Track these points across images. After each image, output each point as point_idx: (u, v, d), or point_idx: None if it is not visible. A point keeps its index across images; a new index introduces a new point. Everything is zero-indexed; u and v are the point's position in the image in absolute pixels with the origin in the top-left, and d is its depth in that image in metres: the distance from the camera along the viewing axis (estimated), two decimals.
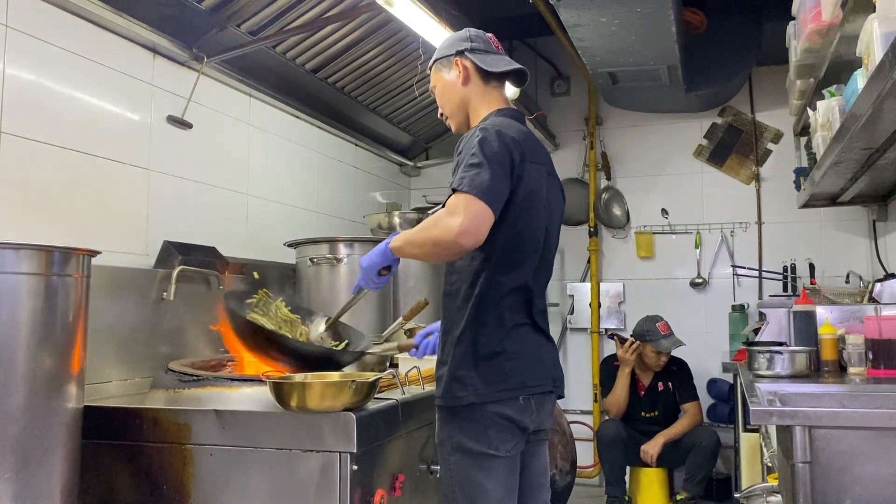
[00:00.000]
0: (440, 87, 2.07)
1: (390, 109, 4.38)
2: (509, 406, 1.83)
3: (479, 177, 1.76)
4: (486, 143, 1.81)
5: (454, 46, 2.05)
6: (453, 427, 1.85)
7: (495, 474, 1.83)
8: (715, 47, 4.33)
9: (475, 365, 1.83)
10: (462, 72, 2.01)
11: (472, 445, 1.83)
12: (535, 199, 1.91)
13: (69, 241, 1.83)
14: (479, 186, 1.75)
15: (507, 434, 1.84)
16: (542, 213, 1.96)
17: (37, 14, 2.35)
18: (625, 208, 5.05)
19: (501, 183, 1.80)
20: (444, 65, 2.05)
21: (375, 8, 2.71)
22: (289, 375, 1.96)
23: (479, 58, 2.01)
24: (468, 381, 1.82)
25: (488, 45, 2.05)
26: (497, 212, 1.78)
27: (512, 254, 1.88)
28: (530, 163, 1.89)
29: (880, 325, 2.52)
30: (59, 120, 2.41)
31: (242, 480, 1.87)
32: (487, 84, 2.02)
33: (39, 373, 1.65)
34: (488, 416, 1.82)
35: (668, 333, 4.20)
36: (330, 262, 3.14)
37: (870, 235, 4.28)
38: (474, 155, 1.80)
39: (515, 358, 1.86)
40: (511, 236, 1.87)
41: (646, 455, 4.10)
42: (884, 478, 1.64)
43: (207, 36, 2.95)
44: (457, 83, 2.02)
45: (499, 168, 1.80)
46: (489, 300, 1.86)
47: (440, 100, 2.09)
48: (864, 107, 2.02)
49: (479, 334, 1.85)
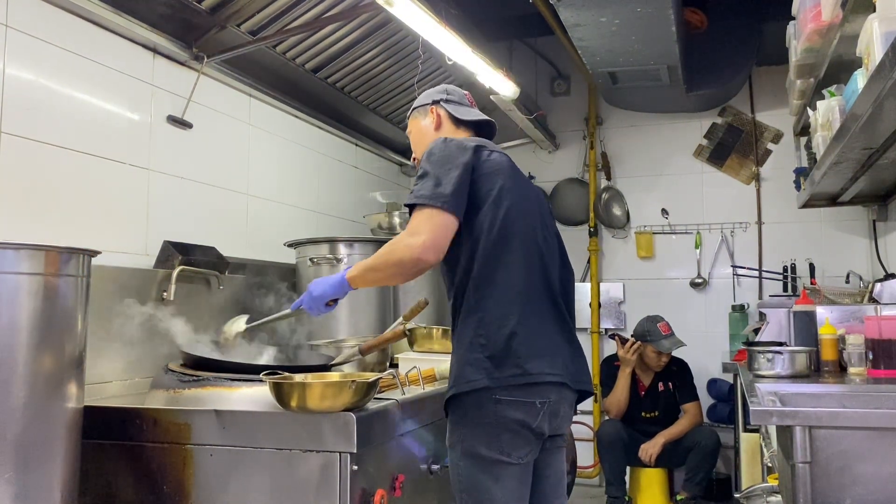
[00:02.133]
0: (415, 132, 2.20)
1: (390, 109, 4.38)
2: (524, 410, 1.79)
3: (424, 186, 1.82)
4: (431, 154, 1.90)
5: (431, 97, 2.19)
6: (465, 431, 1.82)
7: (506, 481, 1.79)
8: (715, 47, 4.33)
9: (485, 353, 1.79)
10: (436, 119, 2.15)
11: (483, 451, 1.79)
12: (506, 191, 1.89)
13: (69, 241, 1.83)
14: (426, 194, 1.80)
15: (520, 440, 1.80)
16: (524, 198, 1.94)
17: (37, 14, 2.35)
18: (625, 208, 5.05)
19: (453, 178, 1.82)
20: (421, 113, 2.19)
21: (375, 8, 2.71)
22: (288, 375, 1.96)
23: (452, 108, 2.16)
24: (478, 368, 1.78)
25: (462, 99, 2.20)
26: (455, 207, 1.80)
27: (500, 246, 1.85)
28: (489, 151, 1.93)
29: (880, 325, 2.52)
30: (59, 120, 2.41)
31: (242, 480, 1.87)
32: (457, 128, 2.15)
33: (39, 373, 1.64)
34: (501, 420, 1.77)
35: (669, 334, 4.20)
36: (330, 262, 3.14)
37: (870, 235, 4.28)
38: (421, 168, 1.88)
39: (526, 348, 1.80)
40: (493, 230, 1.85)
41: (644, 454, 4.10)
42: (884, 478, 1.64)
43: (207, 36, 2.95)
44: (430, 128, 2.16)
45: (446, 167, 1.84)
46: (493, 291, 1.83)
47: (414, 145, 2.21)
48: (864, 107, 2.02)
49: (486, 327, 1.80)
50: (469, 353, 1.82)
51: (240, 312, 2.99)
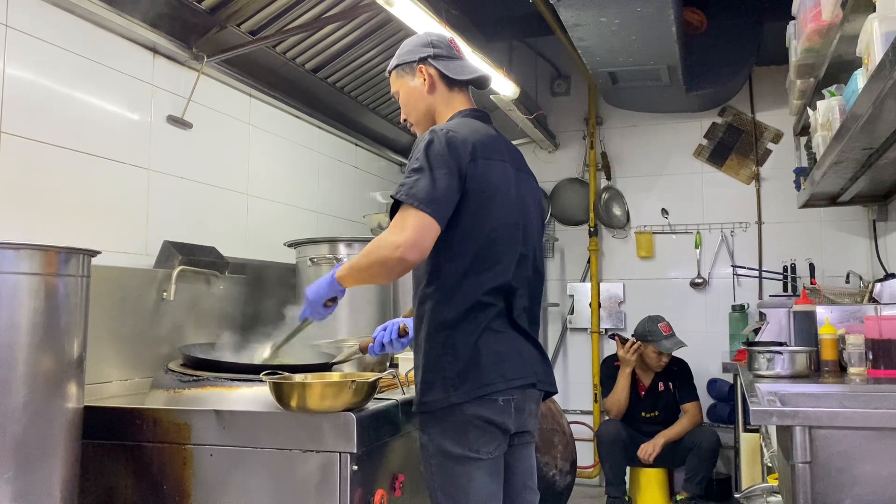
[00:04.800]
0: (404, 94, 2.07)
1: (390, 109, 4.37)
2: (488, 407, 1.80)
3: (418, 184, 1.77)
4: (431, 147, 1.82)
5: (416, 53, 2.03)
6: (433, 430, 1.83)
7: (477, 477, 1.81)
8: (715, 47, 4.33)
9: (450, 367, 1.80)
10: (427, 80, 2.01)
11: (452, 448, 1.80)
12: (499, 195, 1.89)
13: (69, 241, 1.83)
14: (418, 195, 1.75)
15: (487, 436, 1.81)
16: (515, 209, 1.93)
17: (37, 14, 2.34)
18: (625, 208, 5.05)
19: (445, 185, 1.78)
20: (407, 71, 2.04)
21: (375, 8, 2.71)
22: (288, 376, 1.96)
23: (442, 65, 2.01)
24: (443, 385, 1.80)
25: (450, 51, 2.04)
26: (441, 217, 1.77)
27: (485, 252, 1.84)
28: (486, 160, 1.87)
29: (880, 325, 2.52)
30: (59, 120, 2.41)
31: (242, 480, 1.87)
32: (451, 90, 2.03)
33: (39, 373, 1.65)
34: (467, 418, 1.79)
35: (669, 334, 4.20)
36: (330, 262, 3.14)
37: (870, 235, 4.28)
38: (417, 159, 1.82)
39: (490, 355, 1.81)
40: (479, 234, 1.84)
41: (644, 453, 4.10)
42: (884, 478, 1.65)
43: (207, 36, 2.95)
44: (422, 91, 2.02)
45: (442, 170, 1.79)
46: (461, 300, 1.82)
47: (405, 107, 2.08)
48: (864, 107, 2.02)
49: (451, 335, 1.81)
50: (432, 372, 1.82)
51: (240, 313, 3.00)
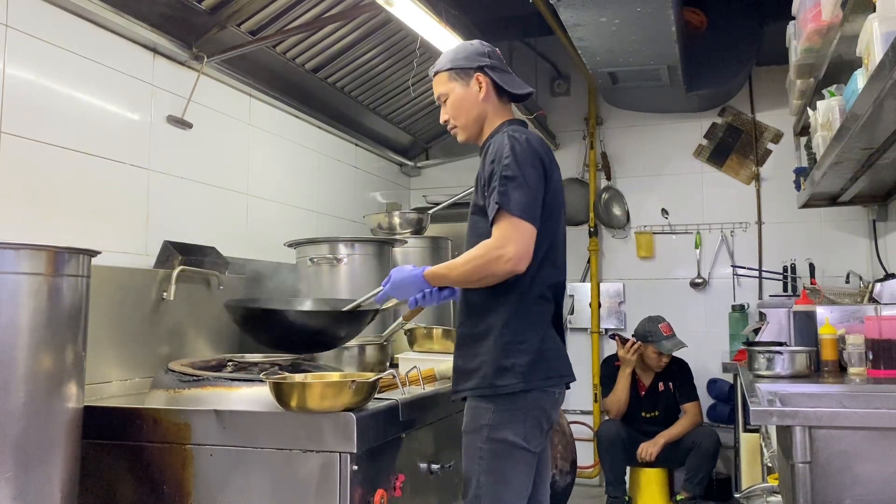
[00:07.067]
0: (455, 98, 2.07)
1: (390, 109, 4.38)
2: (546, 399, 1.90)
3: (517, 191, 1.85)
4: (519, 152, 1.89)
5: (473, 60, 2.06)
6: (494, 416, 1.88)
7: (522, 470, 1.88)
8: (715, 47, 4.33)
9: (522, 356, 1.88)
10: (484, 88, 2.05)
11: (509, 436, 1.86)
12: (560, 200, 2.03)
13: (69, 241, 1.83)
14: (520, 205, 1.84)
15: (538, 430, 1.90)
16: (564, 216, 2.07)
17: (37, 14, 2.35)
18: (625, 208, 5.05)
19: (537, 192, 1.89)
20: (461, 76, 2.06)
21: (375, 8, 2.71)
22: (288, 375, 1.96)
23: (497, 76, 2.07)
24: (517, 371, 1.87)
25: (502, 63, 2.11)
26: (536, 220, 1.88)
27: (551, 253, 1.97)
28: (553, 165, 2.00)
29: (880, 325, 2.52)
30: (59, 120, 2.41)
31: (242, 480, 1.87)
32: (500, 100, 2.09)
33: (39, 373, 1.65)
34: (529, 406, 1.87)
35: (670, 335, 4.20)
36: (330, 262, 3.14)
37: (870, 235, 4.28)
38: (508, 166, 1.88)
39: (551, 350, 1.94)
40: (548, 236, 1.95)
41: (644, 452, 4.10)
42: (884, 478, 1.65)
43: (207, 36, 2.95)
44: (476, 98, 2.06)
45: (534, 177, 1.89)
46: (532, 295, 1.93)
47: (454, 110, 2.08)
48: (864, 107, 2.02)
49: (521, 326, 1.90)
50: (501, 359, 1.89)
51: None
